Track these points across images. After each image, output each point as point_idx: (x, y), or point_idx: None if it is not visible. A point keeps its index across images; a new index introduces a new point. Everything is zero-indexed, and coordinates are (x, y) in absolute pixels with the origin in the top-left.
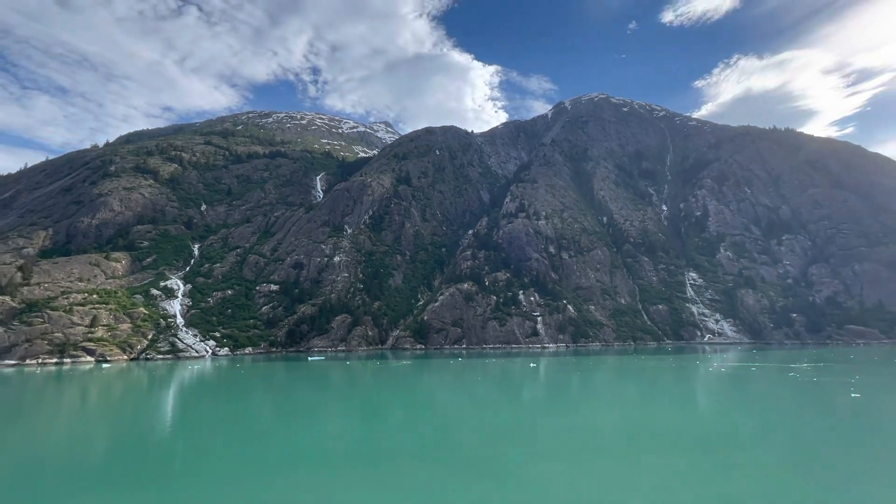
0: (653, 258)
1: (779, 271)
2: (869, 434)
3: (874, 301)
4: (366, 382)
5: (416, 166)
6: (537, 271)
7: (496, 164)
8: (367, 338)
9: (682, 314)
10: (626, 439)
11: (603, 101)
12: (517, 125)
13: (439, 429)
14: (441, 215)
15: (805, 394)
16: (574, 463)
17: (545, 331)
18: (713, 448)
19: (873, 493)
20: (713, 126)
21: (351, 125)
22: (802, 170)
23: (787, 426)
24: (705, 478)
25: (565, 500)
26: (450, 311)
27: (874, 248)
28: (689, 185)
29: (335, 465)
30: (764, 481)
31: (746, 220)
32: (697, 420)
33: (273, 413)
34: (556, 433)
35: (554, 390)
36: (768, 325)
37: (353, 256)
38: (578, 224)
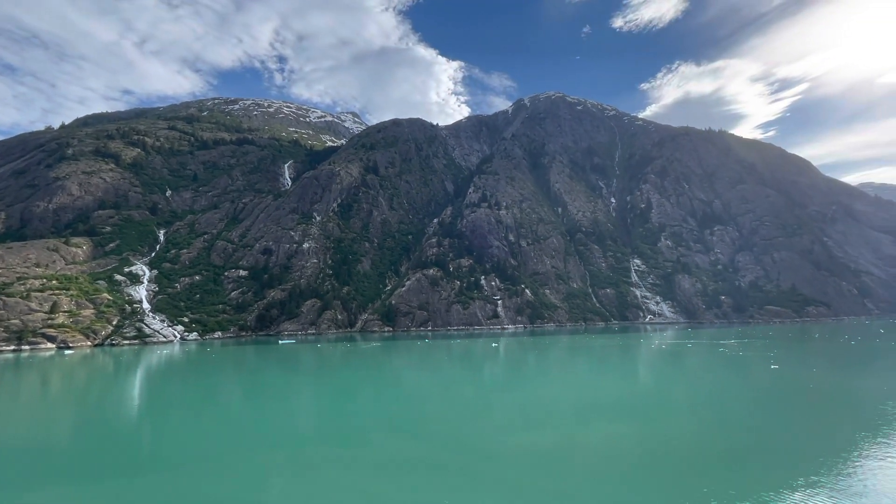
0: (602, 246)
1: (711, 259)
2: (785, 399)
3: (789, 285)
4: (337, 363)
5: (384, 156)
6: (498, 258)
7: (460, 156)
8: (336, 321)
9: (627, 297)
10: (577, 411)
11: (559, 99)
12: (479, 119)
13: (408, 406)
14: (408, 204)
15: (733, 366)
16: (530, 433)
17: (505, 313)
18: (653, 416)
19: (786, 447)
20: (657, 126)
21: (318, 114)
22: (733, 168)
23: (718, 395)
24: (644, 442)
25: (522, 466)
26: (416, 296)
27: (790, 239)
28: (635, 179)
29: (307, 444)
30: (695, 443)
31: (684, 213)
32: (640, 392)
33: (245, 395)
34: (515, 407)
35: (513, 368)
36: (701, 307)
37: (322, 243)
38: (536, 214)
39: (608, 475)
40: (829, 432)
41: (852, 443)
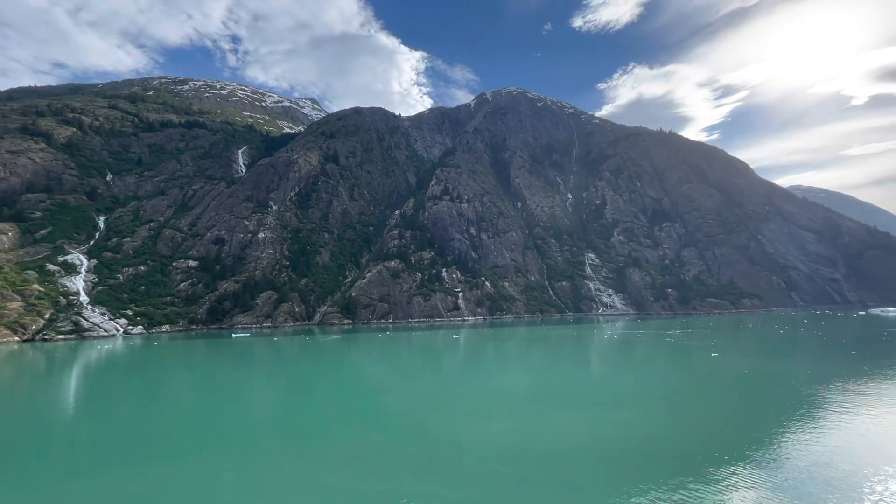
0: (559, 241)
1: (659, 253)
2: (724, 385)
3: (727, 279)
4: (294, 357)
5: (345, 145)
6: (459, 251)
7: (422, 148)
8: (293, 314)
9: (581, 290)
10: (534, 400)
11: (520, 95)
12: (442, 112)
13: (368, 398)
14: (369, 195)
15: (678, 355)
16: (490, 422)
17: (465, 305)
18: (605, 403)
19: (723, 426)
20: (612, 125)
21: (275, 99)
22: (680, 168)
23: (665, 382)
24: (595, 427)
25: (481, 453)
26: (377, 288)
27: (730, 236)
28: (591, 176)
29: (263, 438)
30: (644, 428)
31: (636, 210)
32: (594, 380)
33: (196, 390)
34: (475, 397)
35: (473, 359)
36: (650, 299)
37: (278, 233)
38: (497, 208)
39: (563, 461)
40: (761, 414)
41: (780, 422)
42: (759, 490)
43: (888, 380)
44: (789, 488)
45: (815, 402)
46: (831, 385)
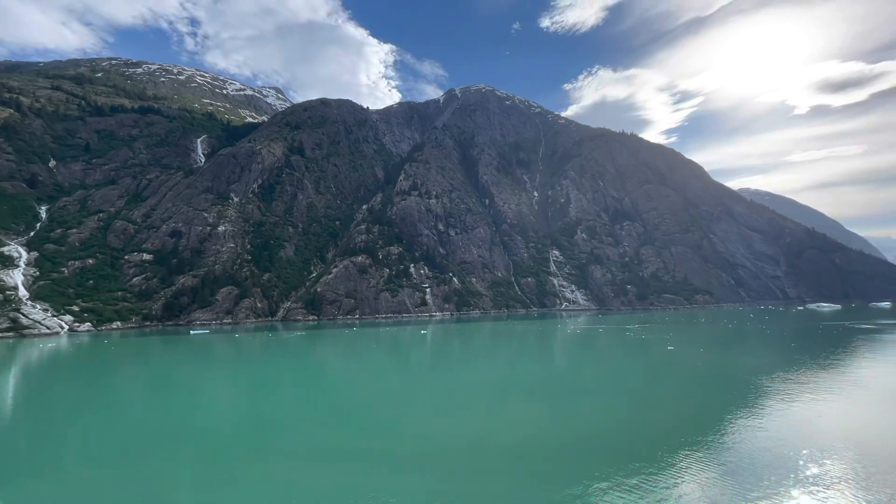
0: (525, 237)
1: (619, 251)
2: (679, 375)
3: (682, 276)
4: (257, 354)
5: (311, 137)
6: (427, 246)
7: (391, 142)
8: (255, 310)
9: (546, 285)
10: (499, 392)
11: (489, 92)
12: (411, 106)
13: (334, 394)
14: (335, 189)
15: (636, 348)
16: (456, 415)
17: (433, 301)
18: (567, 394)
19: (677, 415)
20: (577, 126)
21: (237, 87)
22: (640, 169)
23: (624, 374)
24: (559, 418)
25: (448, 446)
26: (343, 283)
27: (685, 235)
28: (556, 175)
29: (224, 440)
30: (603, 416)
31: (598, 208)
32: (557, 373)
33: (151, 389)
34: (443, 391)
35: (441, 353)
36: (610, 295)
37: (240, 226)
38: (465, 204)
39: (528, 451)
40: (711, 403)
41: (728, 410)
42: (709, 473)
43: (823, 370)
44: (737, 472)
45: (760, 391)
46: (774, 375)
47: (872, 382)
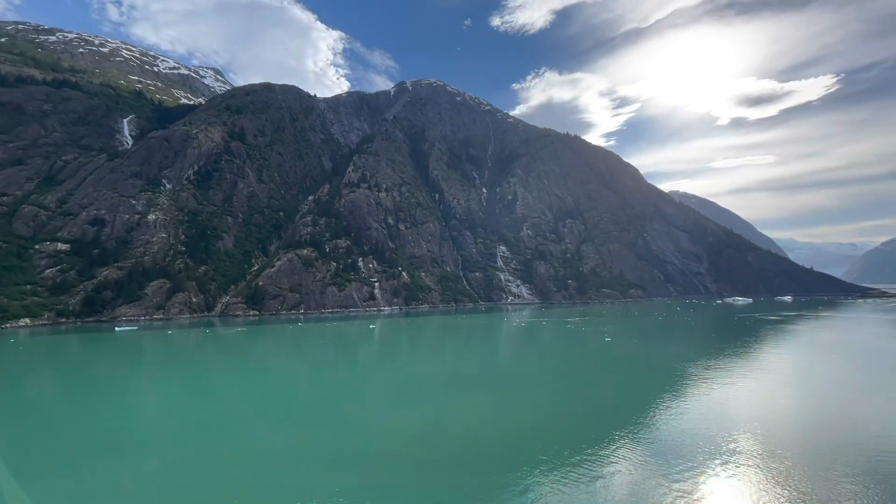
0: (473, 233)
1: (562, 248)
2: (615, 364)
3: (618, 271)
4: (192, 351)
5: (253, 123)
6: (376, 240)
7: (339, 132)
8: (190, 305)
9: (493, 280)
10: (447, 385)
11: (441, 87)
12: (361, 97)
13: (281, 392)
14: (280, 178)
15: (576, 339)
16: (404, 409)
17: (382, 295)
18: (512, 385)
19: (613, 401)
20: (525, 125)
21: (170, 65)
22: (583, 170)
23: (565, 364)
24: (503, 409)
25: (395, 441)
26: (288, 277)
27: (621, 233)
28: (504, 173)
29: (159, 444)
30: (544, 405)
31: (543, 206)
32: (502, 365)
33: (68, 393)
34: (390, 386)
35: (389, 348)
36: (553, 289)
37: (173, 215)
38: (415, 199)
39: (473, 442)
40: (643, 389)
41: (658, 395)
42: (640, 452)
43: (738, 357)
44: (665, 451)
45: (685, 377)
46: (697, 362)
47: (776, 366)
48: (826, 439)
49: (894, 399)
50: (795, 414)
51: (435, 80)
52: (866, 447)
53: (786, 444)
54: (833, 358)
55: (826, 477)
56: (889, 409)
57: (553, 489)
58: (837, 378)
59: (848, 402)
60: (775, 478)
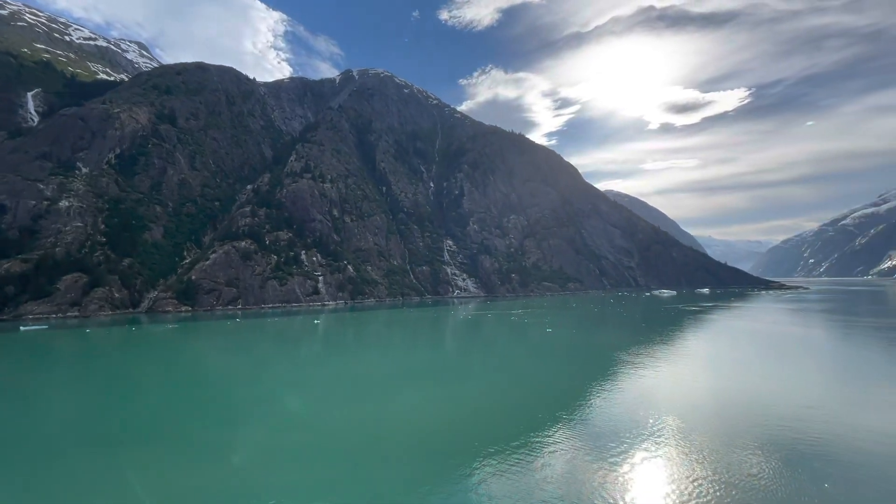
0: (421, 227)
1: (506, 242)
2: (556, 353)
3: (558, 266)
4: (117, 351)
5: (185, 105)
6: (321, 232)
7: (280, 119)
8: (112, 301)
9: (440, 274)
10: (393, 379)
11: (388, 78)
12: (304, 83)
13: (220, 391)
14: (215, 165)
15: (520, 331)
16: (348, 405)
17: (326, 289)
18: (458, 377)
19: (554, 388)
20: (472, 121)
21: (85, 35)
22: (526, 167)
23: (509, 354)
24: (448, 401)
25: (340, 437)
26: (224, 271)
27: (561, 230)
28: (452, 168)
29: (89, 449)
30: (489, 395)
31: (489, 202)
32: (449, 357)
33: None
34: (336, 381)
35: (334, 343)
36: (497, 283)
37: (90, 202)
38: (361, 191)
39: (417, 435)
40: (583, 376)
41: (596, 381)
42: (578, 435)
43: (664, 344)
44: (600, 434)
45: (618, 364)
46: (629, 350)
47: (696, 353)
48: (736, 416)
49: (789, 380)
50: (712, 395)
51: (382, 70)
52: (769, 422)
53: (704, 422)
54: (741, 344)
55: (738, 448)
56: (785, 387)
57: (498, 473)
58: (745, 362)
59: (754, 384)
60: (696, 452)
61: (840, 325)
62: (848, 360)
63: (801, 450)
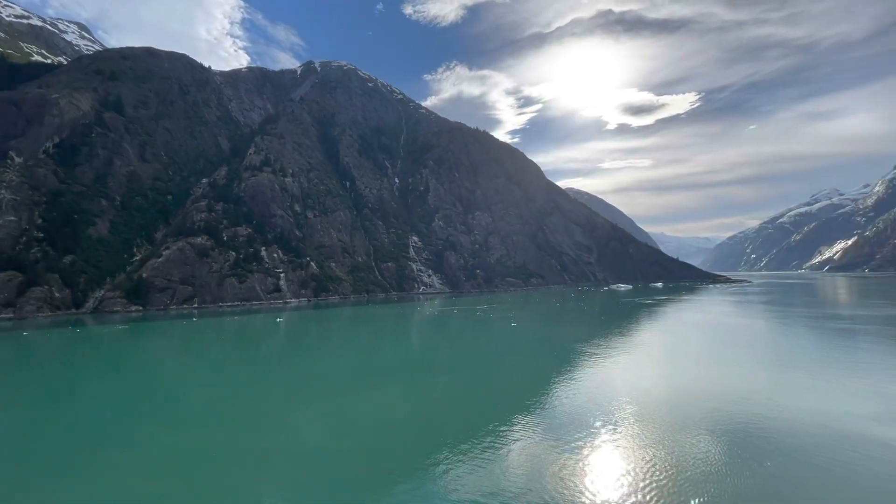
0: (386, 223)
1: (471, 239)
2: (522, 347)
3: (521, 262)
4: (57, 355)
5: (133, 92)
6: (282, 228)
7: (238, 110)
8: (52, 301)
9: (405, 270)
10: (357, 376)
11: (351, 71)
12: (263, 73)
13: (176, 394)
14: (167, 157)
15: (485, 326)
16: (312, 404)
17: (288, 287)
18: (422, 373)
19: (520, 381)
20: (437, 117)
21: (17, 13)
22: (491, 164)
23: (476, 349)
24: (414, 396)
25: (302, 438)
26: (178, 268)
27: (524, 226)
28: (417, 163)
29: (31, 458)
30: (455, 389)
31: (454, 198)
32: (415, 354)
33: None
34: (297, 380)
35: (298, 341)
36: (462, 279)
37: (25, 195)
38: (324, 186)
39: (383, 432)
40: (547, 368)
41: (559, 372)
42: (542, 427)
43: (622, 336)
44: (563, 425)
45: (580, 356)
46: (590, 342)
47: (651, 343)
48: (687, 402)
49: (734, 367)
50: (665, 383)
51: (346, 63)
52: (717, 406)
53: (658, 408)
54: (692, 335)
55: (689, 431)
56: (730, 374)
57: (463, 466)
58: (694, 351)
59: (703, 372)
60: (650, 436)
61: (777, 316)
62: (783, 348)
63: (745, 430)
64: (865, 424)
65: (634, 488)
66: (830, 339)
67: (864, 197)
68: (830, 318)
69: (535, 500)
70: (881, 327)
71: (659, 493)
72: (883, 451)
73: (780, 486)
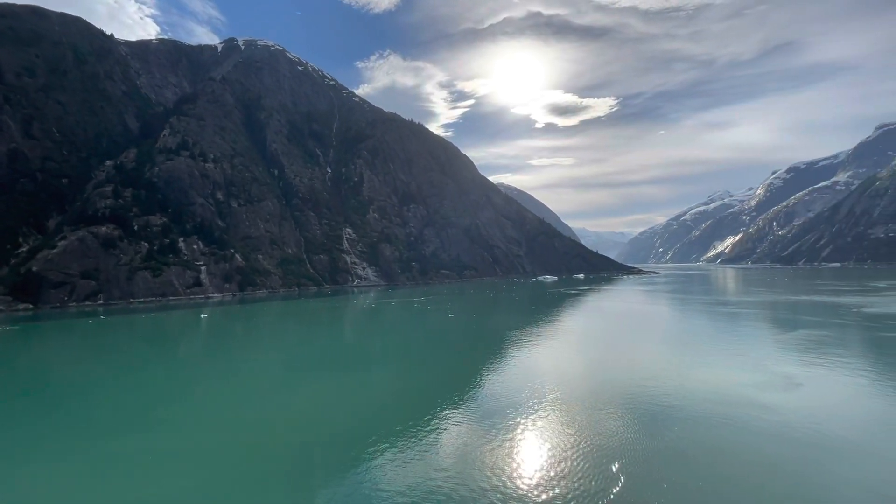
0: (318, 214)
1: (406, 231)
2: (459, 337)
3: (455, 254)
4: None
5: (15, 58)
6: (202, 217)
7: (148, 86)
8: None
9: (338, 263)
10: (286, 373)
11: (279, 52)
12: (178, 47)
13: (83, 398)
14: (60, 135)
15: (422, 318)
16: (236, 405)
17: (210, 280)
18: (358, 366)
19: (455, 371)
20: (371, 107)
21: None
22: (426, 157)
23: (412, 340)
24: (347, 390)
25: (217, 434)
26: (78, 260)
27: (459, 219)
28: (350, 153)
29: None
30: (390, 381)
31: (389, 190)
32: (350, 347)
33: None
34: (222, 380)
35: (222, 338)
36: (398, 271)
37: None
38: (250, 173)
39: (315, 427)
40: (483, 357)
41: (494, 361)
42: (473, 413)
43: (549, 324)
44: (495, 411)
45: (511, 343)
46: (521, 329)
47: (575, 329)
48: (606, 383)
49: (645, 350)
50: (588, 367)
51: (273, 43)
52: (633, 386)
53: (582, 390)
54: (609, 321)
55: (608, 410)
56: (643, 356)
57: (395, 458)
58: (612, 336)
59: (619, 355)
60: (574, 417)
61: (679, 303)
62: (684, 331)
63: (655, 402)
64: (751, 391)
65: (559, 462)
66: (721, 322)
67: (749, 199)
68: (721, 304)
69: (467, 487)
70: (759, 311)
71: (584, 463)
72: (764, 412)
73: (685, 445)
